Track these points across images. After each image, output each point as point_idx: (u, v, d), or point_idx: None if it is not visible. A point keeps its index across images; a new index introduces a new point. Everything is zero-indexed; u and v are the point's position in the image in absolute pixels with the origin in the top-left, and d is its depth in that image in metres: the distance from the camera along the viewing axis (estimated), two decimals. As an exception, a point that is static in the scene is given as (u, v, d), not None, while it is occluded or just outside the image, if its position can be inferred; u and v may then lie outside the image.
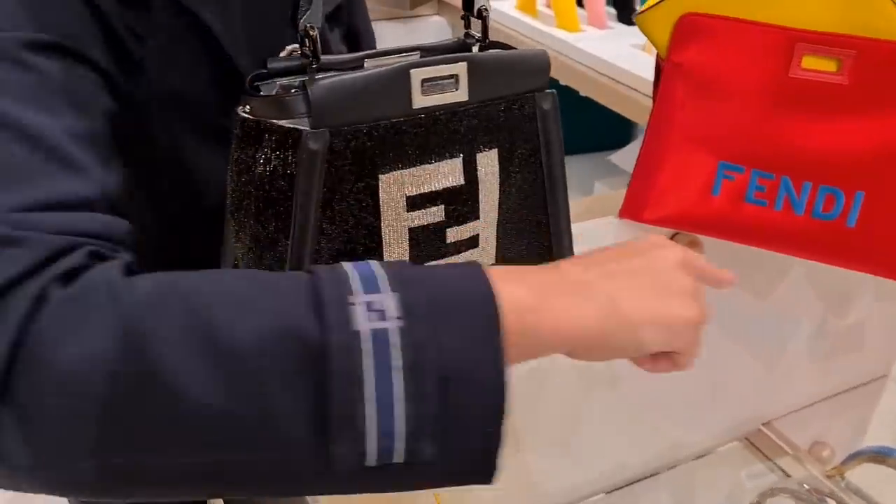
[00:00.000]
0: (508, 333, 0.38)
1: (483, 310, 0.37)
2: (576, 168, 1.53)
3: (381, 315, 0.36)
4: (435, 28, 1.37)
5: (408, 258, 0.50)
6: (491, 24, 0.53)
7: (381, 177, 0.47)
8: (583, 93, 1.09)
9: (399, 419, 0.35)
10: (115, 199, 0.42)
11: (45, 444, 0.33)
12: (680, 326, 0.45)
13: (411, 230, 0.50)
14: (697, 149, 0.65)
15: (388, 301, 0.36)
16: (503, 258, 0.55)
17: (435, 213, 0.50)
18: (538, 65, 0.52)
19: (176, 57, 0.48)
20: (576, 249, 0.71)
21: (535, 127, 0.52)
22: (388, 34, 1.33)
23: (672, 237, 0.77)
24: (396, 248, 0.49)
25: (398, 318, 0.36)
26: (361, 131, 0.46)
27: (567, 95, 1.26)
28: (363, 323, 0.36)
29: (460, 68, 0.49)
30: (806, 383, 1.03)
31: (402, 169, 0.48)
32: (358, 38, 0.65)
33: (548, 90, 0.52)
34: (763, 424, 1.01)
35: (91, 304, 0.35)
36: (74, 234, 0.37)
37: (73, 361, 0.33)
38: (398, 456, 0.36)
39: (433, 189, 0.50)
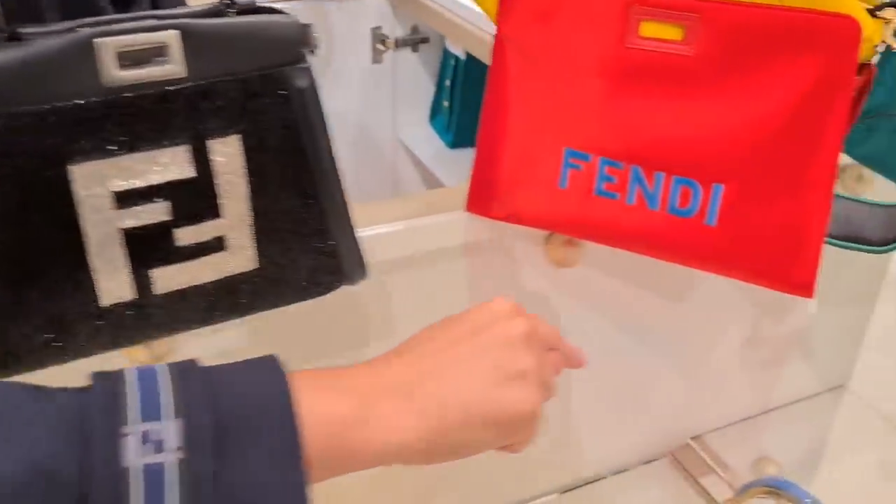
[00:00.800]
0: (318, 453, 0.34)
1: (283, 432, 0.33)
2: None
3: (158, 446, 0.31)
4: (373, 10, 1.28)
5: (124, 264, 0.42)
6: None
7: (71, 169, 0.40)
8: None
9: None
10: None
11: None
12: (514, 422, 0.40)
13: (125, 231, 0.42)
14: (539, 134, 0.56)
15: (169, 429, 0.31)
16: (270, 264, 0.47)
17: (156, 211, 0.42)
18: (284, 35, 0.43)
19: None
20: (415, 247, 0.62)
21: (290, 108, 0.44)
22: (324, 16, 1.25)
23: (549, 237, 0.68)
24: (107, 252, 0.42)
25: (178, 448, 0.31)
26: (38, 115, 0.39)
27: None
28: (134, 458, 0.31)
29: (171, 37, 0.40)
30: (743, 394, 0.93)
31: (100, 159, 0.40)
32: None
33: (303, 65, 0.44)
34: (692, 439, 0.92)
35: None
36: None
37: None
38: None
39: (150, 183, 0.42)
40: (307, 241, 0.48)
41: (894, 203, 0.59)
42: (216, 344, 0.58)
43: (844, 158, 0.73)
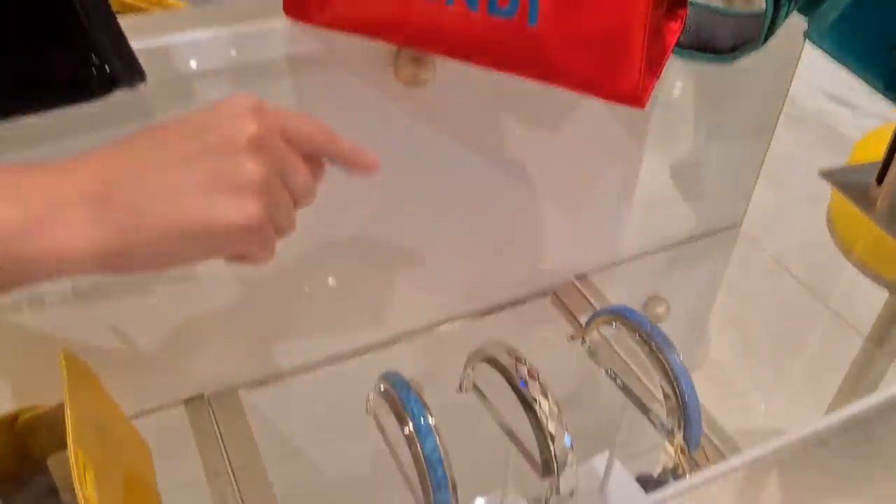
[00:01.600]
0: None
1: None
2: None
3: None
4: None
5: None
6: None
7: None
8: None
9: None
10: None
11: None
12: (226, 235, 0.36)
13: None
14: (350, -77, 0.49)
15: None
16: (18, 61, 0.42)
17: None
18: None
19: None
20: (232, 57, 0.57)
21: None
22: None
23: (397, 53, 0.63)
24: None
25: None
26: None
27: None
28: None
29: None
30: (630, 234, 0.90)
31: None
32: None
33: None
34: (576, 277, 0.90)
35: None
36: None
37: None
38: None
39: None
40: (59, 37, 0.42)
41: (743, 11, 0.54)
42: None
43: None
